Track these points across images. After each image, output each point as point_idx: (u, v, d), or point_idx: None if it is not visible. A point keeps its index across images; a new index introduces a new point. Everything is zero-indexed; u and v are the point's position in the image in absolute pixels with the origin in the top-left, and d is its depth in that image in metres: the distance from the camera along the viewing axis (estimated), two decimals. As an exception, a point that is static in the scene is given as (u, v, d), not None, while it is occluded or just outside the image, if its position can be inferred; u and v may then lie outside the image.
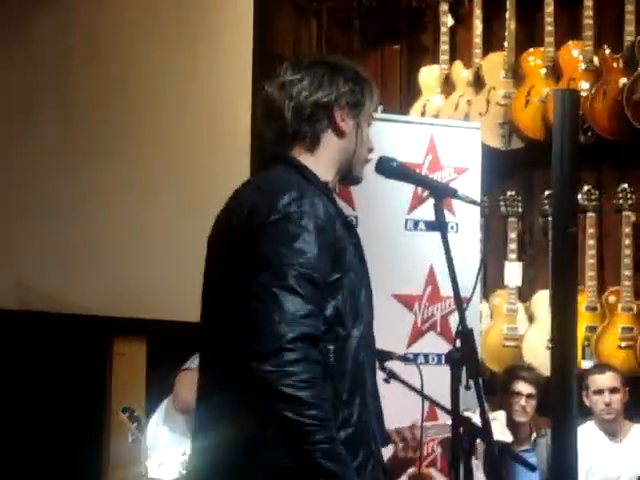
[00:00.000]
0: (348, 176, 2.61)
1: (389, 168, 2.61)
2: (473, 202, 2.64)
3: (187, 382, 3.84)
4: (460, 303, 2.51)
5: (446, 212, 2.62)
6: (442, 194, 2.59)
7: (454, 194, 2.58)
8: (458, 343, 2.51)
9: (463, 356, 2.47)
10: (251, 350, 2.27)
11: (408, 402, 3.35)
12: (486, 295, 5.69)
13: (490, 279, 5.71)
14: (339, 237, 2.42)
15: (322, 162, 2.53)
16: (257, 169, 5.80)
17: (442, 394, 3.39)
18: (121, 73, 5.54)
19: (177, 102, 5.74)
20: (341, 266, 2.40)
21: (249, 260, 2.34)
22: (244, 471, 2.35)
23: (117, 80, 5.52)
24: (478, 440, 2.63)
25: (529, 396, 4.99)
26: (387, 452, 3.52)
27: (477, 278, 2.83)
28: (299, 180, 2.45)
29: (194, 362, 3.88)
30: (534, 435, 5.07)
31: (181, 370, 4.06)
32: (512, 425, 5.00)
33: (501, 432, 3.69)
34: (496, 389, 5.08)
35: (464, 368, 2.51)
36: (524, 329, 5.66)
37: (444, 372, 4.06)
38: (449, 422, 3.52)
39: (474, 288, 2.69)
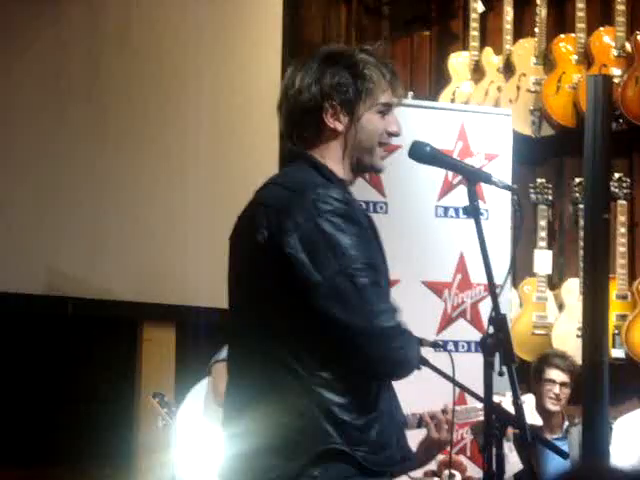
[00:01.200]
0: (364, 168, 2.62)
1: (422, 153, 2.59)
2: (508, 187, 2.62)
3: (225, 375, 3.85)
4: (494, 289, 2.49)
5: (476, 198, 2.61)
6: (476, 179, 2.57)
7: (488, 179, 2.56)
8: (491, 329, 2.49)
9: (497, 342, 2.45)
10: (349, 327, 2.36)
11: (438, 388, 3.35)
12: (515, 283, 5.66)
13: (519, 267, 5.68)
14: (365, 228, 2.45)
15: (330, 160, 2.54)
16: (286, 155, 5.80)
17: (472, 381, 3.39)
18: (152, 61, 5.54)
19: (207, 89, 5.74)
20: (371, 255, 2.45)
21: (281, 262, 2.36)
22: (288, 453, 2.36)
23: (148, 69, 5.52)
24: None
25: (563, 384, 4.95)
26: (419, 435, 3.53)
27: (510, 264, 2.81)
28: (318, 177, 2.48)
29: (223, 353, 3.87)
30: (566, 424, 5.04)
31: (217, 361, 4.04)
32: (544, 413, 4.97)
33: (530, 415, 3.68)
34: (525, 376, 5.05)
35: (497, 354, 2.49)
36: (553, 317, 5.63)
37: (474, 359, 4.08)
38: (478, 405, 3.54)
39: (507, 274, 2.68)
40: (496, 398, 2.68)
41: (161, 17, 5.63)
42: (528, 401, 3.74)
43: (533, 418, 3.73)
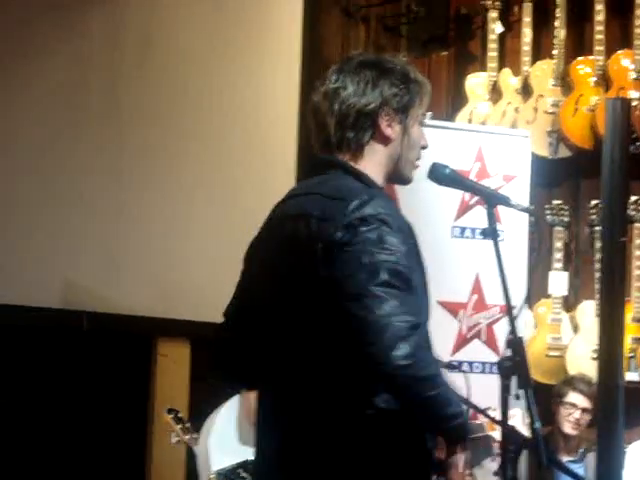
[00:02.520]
0: (397, 179, 2.61)
1: (442, 175, 2.60)
2: (527, 210, 2.64)
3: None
4: (511, 311, 2.49)
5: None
6: (494, 201, 2.58)
7: (507, 202, 2.56)
8: (508, 352, 2.49)
9: (514, 365, 2.45)
10: (371, 354, 2.29)
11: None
12: (530, 304, 5.65)
13: (534, 288, 5.67)
14: (408, 236, 2.45)
15: (370, 168, 2.52)
16: (303, 171, 5.81)
17: (485, 402, 3.38)
18: (171, 78, 5.57)
19: (226, 104, 5.76)
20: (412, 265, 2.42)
21: (329, 269, 2.34)
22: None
23: (167, 85, 5.55)
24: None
25: (584, 410, 4.90)
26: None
27: (528, 286, 2.81)
28: (360, 185, 2.45)
29: None
30: (582, 447, 5.00)
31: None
32: (561, 436, 4.95)
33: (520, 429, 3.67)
34: (539, 398, 5.02)
35: (514, 377, 2.49)
36: (568, 339, 5.61)
37: (488, 380, 4.08)
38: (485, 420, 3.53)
39: (526, 296, 2.67)
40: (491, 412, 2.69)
41: (181, 34, 5.66)
42: (517, 415, 3.72)
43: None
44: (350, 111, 2.49)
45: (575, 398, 4.92)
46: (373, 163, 2.52)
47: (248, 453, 3.67)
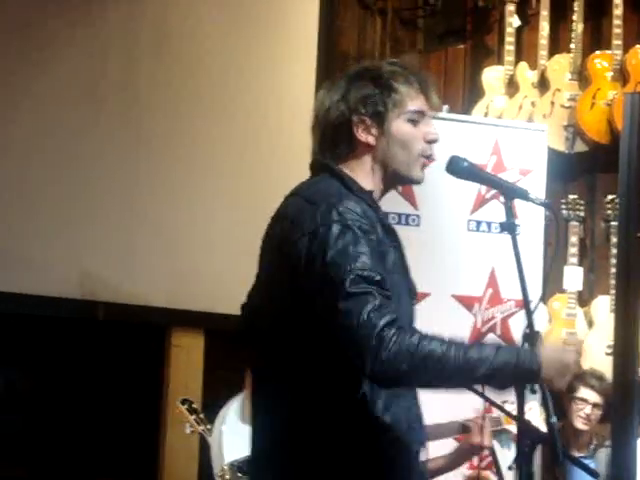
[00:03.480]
0: (401, 180, 2.61)
1: (460, 168, 2.60)
2: (544, 204, 2.62)
3: None
4: (528, 305, 2.49)
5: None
6: (513, 195, 2.57)
7: (526, 196, 2.56)
8: (525, 346, 2.48)
9: (531, 359, 2.44)
10: (353, 361, 2.29)
11: (467, 402, 3.35)
12: (545, 299, 5.64)
13: (549, 283, 5.65)
14: (381, 240, 2.42)
15: (360, 174, 2.53)
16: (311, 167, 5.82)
17: (502, 396, 3.38)
18: (187, 71, 5.58)
19: (242, 98, 5.77)
20: (384, 268, 2.40)
21: (297, 272, 2.35)
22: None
23: (183, 77, 5.56)
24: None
25: (595, 405, 4.90)
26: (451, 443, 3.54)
27: (545, 281, 2.80)
28: (338, 188, 2.46)
29: None
30: (594, 443, 5.00)
31: None
32: (572, 431, 4.95)
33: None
34: (554, 393, 5.01)
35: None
36: (583, 334, 5.60)
37: (503, 375, 4.07)
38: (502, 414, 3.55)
39: (543, 291, 2.67)
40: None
41: (198, 26, 5.66)
42: (533, 409, 3.72)
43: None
44: (327, 127, 2.53)
45: (586, 393, 4.91)
46: (363, 171, 2.53)
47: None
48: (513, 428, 3.74)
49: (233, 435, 4.00)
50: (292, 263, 2.37)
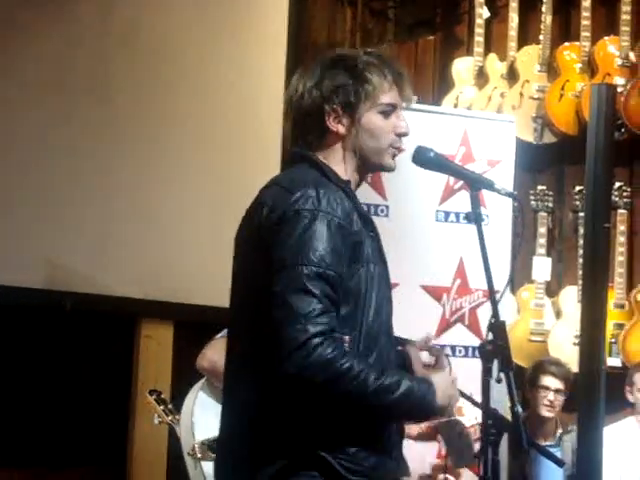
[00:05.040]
0: (374, 168, 2.63)
1: (426, 158, 2.61)
2: (510, 195, 2.63)
3: (216, 347, 3.85)
4: (494, 295, 2.50)
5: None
6: (479, 186, 2.58)
7: (491, 186, 2.57)
8: (490, 335, 2.49)
9: (496, 349, 2.46)
10: (274, 355, 2.31)
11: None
12: (513, 289, 5.67)
13: (518, 273, 5.69)
14: (356, 231, 2.44)
15: (334, 163, 2.54)
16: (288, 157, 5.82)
17: (469, 386, 3.40)
18: (159, 61, 5.57)
19: (212, 88, 5.76)
20: (359, 259, 2.42)
21: (267, 260, 2.37)
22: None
23: (154, 68, 5.55)
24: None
25: (557, 391, 4.98)
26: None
27: (511, 271, 2.82)
28: (316, 177, 2.47)
29: (223, 332, 3.87)
30: (559, 431, 5.06)
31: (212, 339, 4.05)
32: (538, 419, 5.00)
33: None
34: (521, 383, 5.06)
35: (495, 361, 2.50)
36: (551, 324, 5.64)
37: (471, 364, 4.08)
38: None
39: (509, 280, 2.68)
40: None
41: (168, 17, 5.65)
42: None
43: None
44: (299, 113, 2.54)
45: (547, 380, 4.98)
46: (334, 158, 2.55)
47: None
48: (465, 420, 3.76)
49: (204, 414, 4.01)
50: (266, 247, 2.38)
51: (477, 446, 2.59)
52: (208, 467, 3.76)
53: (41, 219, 5.13)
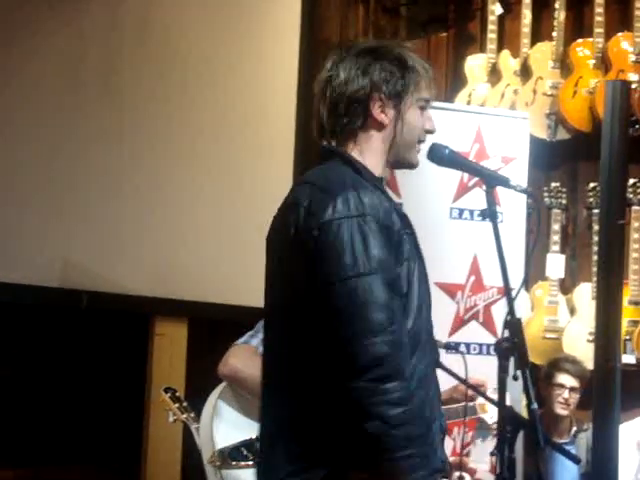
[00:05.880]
0: (399, 163, 2.61)
1: (441, 155, 2.60)
2: (526, 192, 2.63)
3: (238, 353, 3.84)
4: (509, 293, 2.50)
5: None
6: (494, 183, 2.58)
7: (507, 183, 2.56)
8: (506, 333, 2.49)
9: (512, 346, 2.46)
10: (342, 365, 2.28)
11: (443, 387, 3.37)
12: (527, 287, 5.66)
13: (532, 270, 5.68)
14: (397, 230, 2.43)
15: (368, 155, 2.52)
16: (300, 154, 5.82)
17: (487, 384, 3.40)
18: (170, 58, 5.57)
19: (224, 85, 5.76)
20: (401, 258, 2.41)
21: (311, 265, 2.34)
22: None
23: (165, 65, 5.55)
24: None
25: (572, 389, 4.97)
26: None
27: (526, 268, 2.81)
28: (353, 177, 2.44)
29: (245, 338, 3.87)
30: (574, 429, 5.05)
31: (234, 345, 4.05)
32: (552, 417, 4.99)
33: None
34: (535, 380, 5.05)
35: (512, 358, 2.49)
36: (565, 321, 5.63)
37: (485, 362, 4.08)
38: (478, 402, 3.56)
39: (524, 279, 2.67)
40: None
41: (180, 13, 5.65)
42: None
43: None
44: (341, 98, 2.50)
45: (562, 378, 4.97)
46: (369, 150, 2.52)
47: (252, 431, 3.69)
48: (487, 417, 3.75)
49: (223, 422, 4.01)
50: (308, 250, 2.35)
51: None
52: (227, 474, 3.78)
53: (56, 218, 5.14)
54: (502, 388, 2.51)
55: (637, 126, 5.50)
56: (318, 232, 2.34)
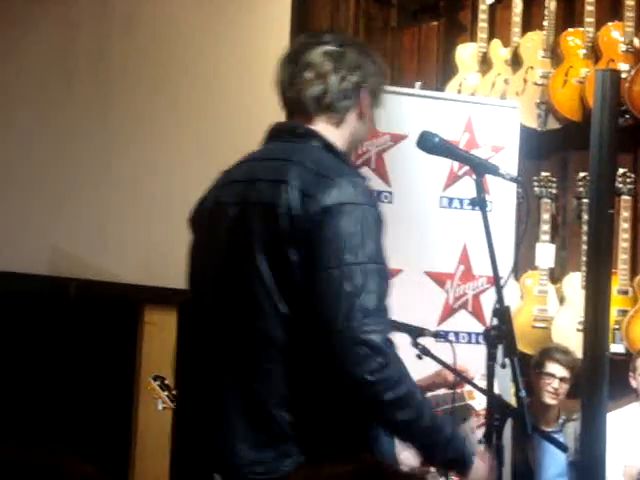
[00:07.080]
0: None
1: (431, 143, 2.60)
2: (515, 180, 2.63)
3: None
4: (498, 281, 2.50)
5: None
6: (483, 171, 2.58)
7: (496, 171, 2.57)
8: (495, 321, 2.50)
9: (500, 334, 2.46)
10: (337, 353, 2.26)
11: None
12: (517, 276, 5.67)
13: (521, 260, 5.68)
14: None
15: (340, 139, 2.53)
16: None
17: (472, 372, 3.41)
18: (158, 44, 5.55)
19: (212, 73, 5.74)
20: None
21: (307, 247, 2.31)
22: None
23: (154, 49, 5.53)
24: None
25: (562, 379, 4.97)
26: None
27: (515, 257, 2.81)
28: (340, 163, 2.45)
29: None
30: (562, 417, 5.06)
31: None
32: (541, 406, 5.00)
33: None
34: (524, 369, 5.05)
35: (500, 347, 2.50)
36: (554, 311, 5.64)
37: (474, 350, 4.09)
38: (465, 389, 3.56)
39: (513, 267, 2.68)
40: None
41: (169, 2, 5.63)
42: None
43: None
44: (349, 78, 2.51)
45: (553, 368, 4.98)
46: (344, 135, 2.53)
47: None
48: (475, 404, 3.76)
49: None
50: (303, 231, 2.32)
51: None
52: None
53: (44, 205, 5.12)
54: (490, 376, 2.51)
55: (627, 116, 5.50)
56: (321, 216, 2.30)
